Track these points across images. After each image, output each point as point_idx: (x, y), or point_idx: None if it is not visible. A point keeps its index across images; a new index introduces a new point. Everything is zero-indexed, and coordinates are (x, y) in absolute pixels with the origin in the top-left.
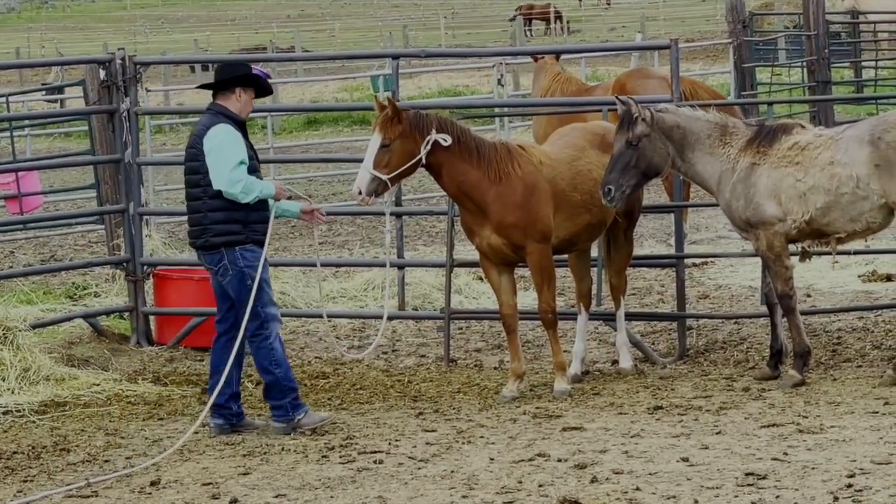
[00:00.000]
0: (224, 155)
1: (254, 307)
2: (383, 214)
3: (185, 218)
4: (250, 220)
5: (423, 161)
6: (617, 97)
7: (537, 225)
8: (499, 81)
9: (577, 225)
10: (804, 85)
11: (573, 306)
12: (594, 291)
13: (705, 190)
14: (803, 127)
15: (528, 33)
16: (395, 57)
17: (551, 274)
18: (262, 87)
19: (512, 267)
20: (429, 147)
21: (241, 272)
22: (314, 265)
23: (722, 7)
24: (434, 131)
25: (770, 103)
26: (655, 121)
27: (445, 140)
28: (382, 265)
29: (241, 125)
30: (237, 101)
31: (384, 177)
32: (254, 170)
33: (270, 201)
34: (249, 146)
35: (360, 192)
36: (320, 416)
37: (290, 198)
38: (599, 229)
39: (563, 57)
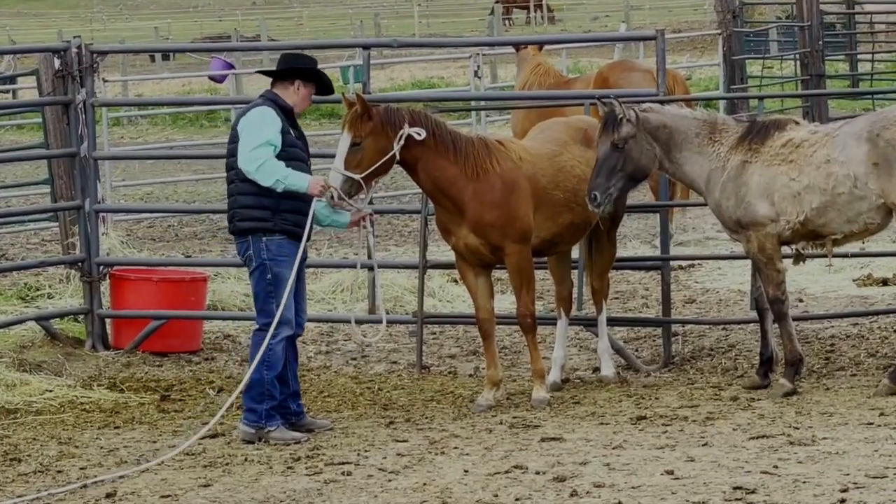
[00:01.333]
0: (251, 133)
1: (269, 305)
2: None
3: (143, 215)
4: (281, 207)
5: (398, 157)
6: (598, 98)
7: (516, 224)
8: (475, 73)
9: (558, 224)
10: (797, 78)
11: (552, 311)
12: (575, 295)
13: (694, 190)
14: (797, 123)
15: (507, 22)
16: (366, 47)
17: (531, 276)
18: (324, 84)
19: (489, 269)
20: (402, 142)
21: (263, 264)
22: (354, 266)
23: None
24: (406, 125)
25: (761, 97)
26: (641, 121)
27: (419, 134)
28: (353, 266)
29: (288, 113)
30: (294, 94)
31: (357, 177)
32: (298, 158)
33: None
34: (300, 136)
35: (332, 196)
36: (292, 434)
37: (317, 192)
38: (583, 229)
39: (543, 48)
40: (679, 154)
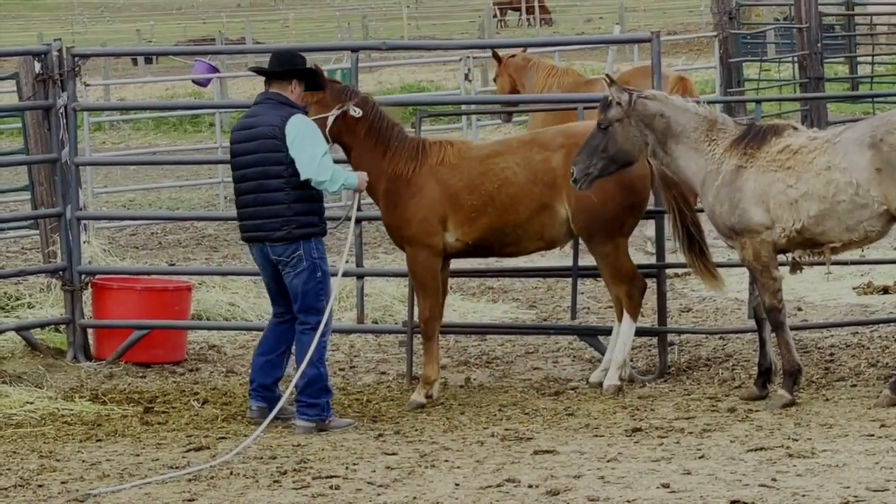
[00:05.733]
0: (309, 145)
1: (320, 303)
2: (340, 220)
3: (125, 223)
4: (321, 211)
5: (328, 125)
6: (606, 74)
7: (410, 229)
8: (466, 77)
9: (477, 228)
10: (795, 81)
11: (545, 319)
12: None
13: (688, 187)
14: (795, 129)
15: (499, 24)
16: (355, 50)
17: (425, 283)
18: (314, 83)
19: (444, 266)
20: (335, 114)
21: (313, 264)
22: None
23: None
24: (350, 104)
25: (758, 101)
26: (635, 106)
27: (356, 112)
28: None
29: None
30: (292, 93)
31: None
32: None
33: None
34: None
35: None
36: (347, 421)
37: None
38: (518, 233)
39: (532, 50)
40: (675, 146)
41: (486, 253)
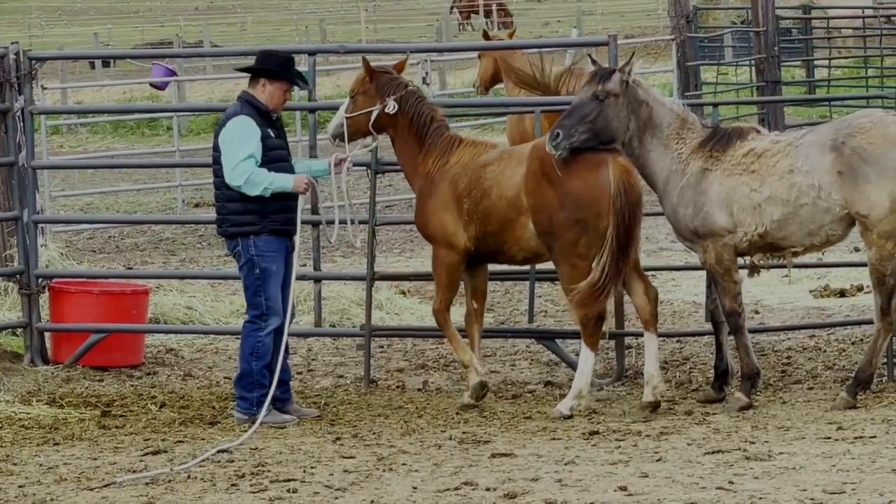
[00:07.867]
0: (233, 148)
1: (258, 298)
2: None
3: (83, 226)
4: (268, 210)
5: (372, 118)
6: (589, 54)
7: (428, 227)
8: (424, 80)
9: (472, 234)
10: (752, 85)
11: (503, 323)
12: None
13: (650, 185)
14: (759, 132)
15: (461, 27)
16: (312, 53)
17: (440, 280)
18: (296, 80)
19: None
20: (380, 108)
21: (251, 260)
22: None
23: (664, 1)
24: (391, 98)
25: (716, 104)
26: (630, 87)
27: (391, 108)
28: (303, 279)
29: (266, 115)
30: (262, 92)
31: (341, 117)
32: (281, 160)
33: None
34: (280, 135)
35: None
36: (283, 417)
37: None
38: (500, 242)
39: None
40: (651, 139)
41: (489, 259)
